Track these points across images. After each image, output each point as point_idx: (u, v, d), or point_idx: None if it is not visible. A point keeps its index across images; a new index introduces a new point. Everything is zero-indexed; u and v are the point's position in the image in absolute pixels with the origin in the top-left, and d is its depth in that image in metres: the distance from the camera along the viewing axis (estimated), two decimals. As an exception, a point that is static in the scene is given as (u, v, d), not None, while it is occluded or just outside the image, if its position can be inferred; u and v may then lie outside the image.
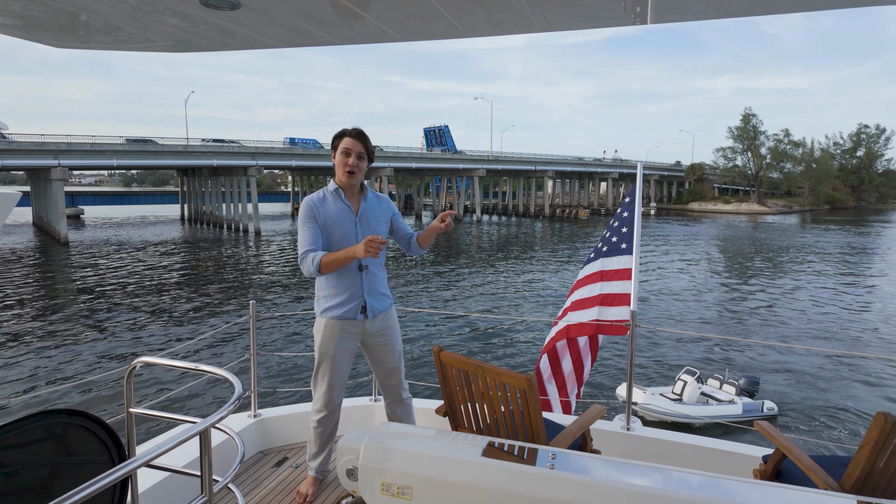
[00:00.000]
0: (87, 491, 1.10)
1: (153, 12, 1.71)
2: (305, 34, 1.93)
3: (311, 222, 2.69)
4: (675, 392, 11.44)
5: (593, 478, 1.56)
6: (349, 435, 1.87)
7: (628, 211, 4.15)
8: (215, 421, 1.46)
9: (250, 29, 1.88)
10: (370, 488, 1.74)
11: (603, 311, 3.94)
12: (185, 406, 11.05)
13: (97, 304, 20.13)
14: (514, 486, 1.59)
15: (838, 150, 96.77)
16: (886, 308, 20.81)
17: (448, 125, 78.91)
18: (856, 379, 13.27)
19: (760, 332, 17.46)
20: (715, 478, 1.56)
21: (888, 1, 1.60)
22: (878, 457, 1.94)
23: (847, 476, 2.00)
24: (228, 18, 1.77)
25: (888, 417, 1.88)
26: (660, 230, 52.31)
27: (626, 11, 1.66)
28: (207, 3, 1.63)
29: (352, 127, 2.76)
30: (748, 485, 1.54)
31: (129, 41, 2.04)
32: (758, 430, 2.57)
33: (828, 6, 1.64)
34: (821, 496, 1.51)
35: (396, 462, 1.71)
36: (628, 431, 3.34)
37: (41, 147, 36.87)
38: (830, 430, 10.74)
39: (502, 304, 20.76)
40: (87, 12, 1.69)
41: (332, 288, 2.74)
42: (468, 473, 1.64)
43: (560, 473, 1.59)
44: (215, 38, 2.01)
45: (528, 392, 2.12)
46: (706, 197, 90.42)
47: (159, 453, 1.29)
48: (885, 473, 1.96)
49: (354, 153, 2.70)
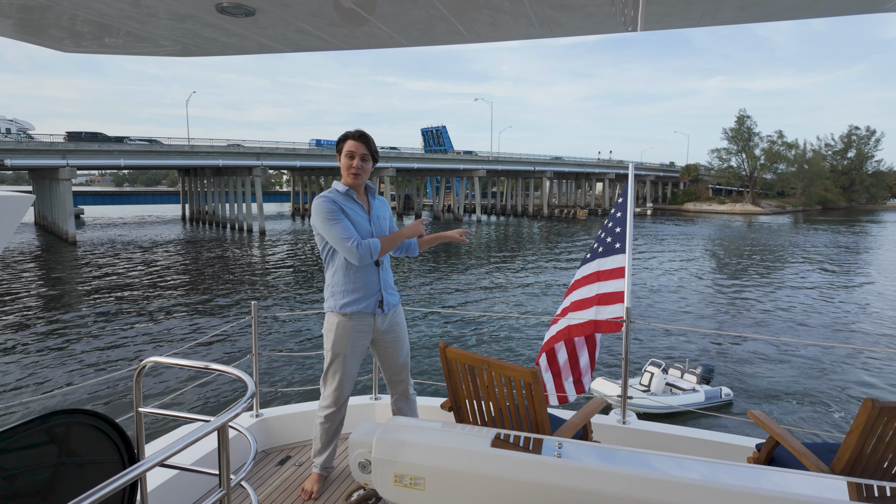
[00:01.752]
0: (106, 490, 1.10)
1: (167, 19, 1.71)
2: (316, 40, 1.94)
3: (342, 215, 2.66)
4: (643, 384, 11.58)
5: (599, 465, 1.59)
6: (360, 429, 1.89)
7: (621, 211, 4.19)
8: (231, 418, 1.47)
9: (263, 35, 1.89)
10: (383, 480, 1.75)
11: (600, 310, 3.97)
12: (184, 405, 11.01)
13: (113, 303, 20.14)
14: (523, 474, 1.62)
15: (829, 151, 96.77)
16: (873, 303, 20.85)
17: (445, 126, 78.92)
18: (837, 369, 13.42)
19: (750, 326, 17.50)
20: (715, 463, 1.60)
21: (875, 10, 1.62)
22: (866, 441, 1.99)
23: (837, 460, 2.05)
24: (242, 25, 1.77)
25: (875, 403, 1.93)
26: (656, 230, 52.32)
27: (615, 19, 1.67)
28: (223, 10, 1.64)
29: (354, 129, 2.74)
30: (746, 469, 1.58)
31: (140, 47, 2.02)
32: (750, 419, 2.62)
33: (816, 15, 1.65)
34: (813, 478, 1.55)
35: (409, 454, 1.73)
36: (624, 425, 3.38)
37: (50, 147, 36.84)
38: (815, 417, 10.90)
39: (503, 303, 20.78)
40: (99, 18, 1.68)
41: (350, 283, 2.73)
42: (479, 463, 1.67)
43: (567, 461, 1.62)
44: (227, 44, 2.00)
45: (534, 385, 2.15)
46: (701, 197, 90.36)
47: (176, 451, 1.28)
48: (872, 456, 2.02)
49: (358, 155, 2.70)
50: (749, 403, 11.48)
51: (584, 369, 4.17)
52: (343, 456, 3.25)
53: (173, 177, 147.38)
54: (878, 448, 2.00)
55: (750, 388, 12.32)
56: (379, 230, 2.81)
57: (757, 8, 1.60)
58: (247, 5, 1.57)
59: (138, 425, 1.84)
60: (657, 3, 1.54)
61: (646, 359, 12.98)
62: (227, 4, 1.57)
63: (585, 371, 4.17)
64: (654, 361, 11.96)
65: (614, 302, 3.91)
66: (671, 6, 1.56)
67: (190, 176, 58.62)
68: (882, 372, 13.38)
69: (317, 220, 2.66)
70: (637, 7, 1.56)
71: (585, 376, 4.16)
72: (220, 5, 1.58)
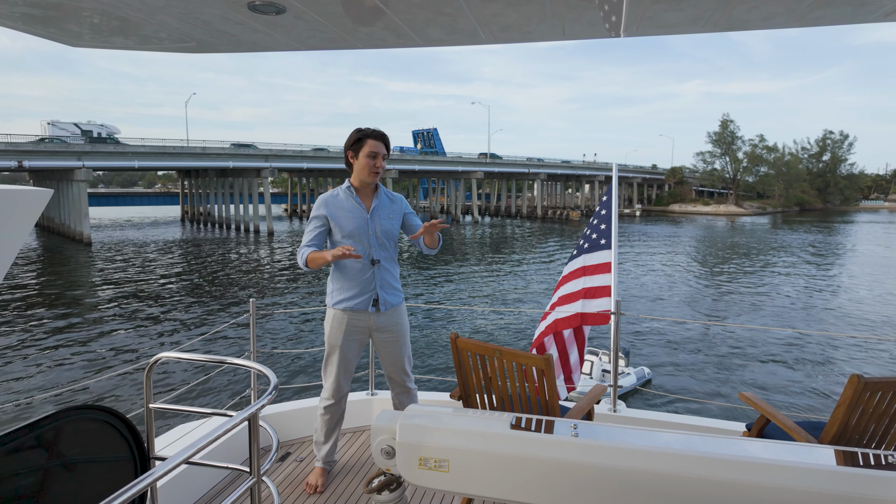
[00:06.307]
0: (141, 486, 1.07)
1: (199, 17, 1.67)
2: (336, 39, 1.91)
3: (317, 221, 2.68)
4: (584, 372, 11.69)
5: (615, 442, 1.62)
6: (381, 417, 1.88)
7: (606, 209, 4.21)
8: (258, 409, 1.45)
9: (288, 33, 1.85)
10: (408, 464, 1.75)
11: (586, 303, 3.97)
12: (186, 400, 10.90)
13: (133, 301, 19.98)
14: (544, 453, 1.63)
15: (805, 154, 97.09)
16: (845, 293, 20.98)
17: (437, 128, 79.16)
18: (814, 353, 13.60)
19: (732, 315, 17.61)
20: (719, 438, 1.65)
21: (846, 21, 1.60)
22: (851, 414, 2.05)
23: (825, 433, 2.11)
24: (270, 22, 1.74)
25: (861, 379, 1.99)
26: (645, 231, 52.44)
27: (600, 24, 1.66)
28: (255, 8, 1.61)
29: (372, 128, 2.68)
30: (746, 441, 1.64)
31: (160, 42, 1.96)
32: (741, 399, 2.65)
33: (794, 25, 1.64)
34: (804, 447, 1.61)
35: (432, 438, 1.73)
36: (615, 412, 3.39)
37: (66, 149, 36.60)
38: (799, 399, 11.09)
39: (503, 301, 20.79)
40: (125, 14, 1.64)
41: (345, 281, 2.70)
42: (501, 444, 1.67)
43: (585, 440, 1.64)
44: (253, 41, 1.95)
45: (546, 371, 2.14)
46: (686, 199, 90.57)
47: (205, 444, 1.25)
48: (857, 429, 2.09)
49: (381, 155, 2.65)
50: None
51: (574, 366, 4.14)
52: (344, 450, 3.22)
53: (151, 177, 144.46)
54: (862, 420, 2.07)
55: (738, 375, 12.39)
56: (378, 228, 2.70)
57: (742, 17, 1.58)
58: (278, 3, 1.54)
59: (149, 421, 1.81)
60: (640, 8, 1.52)
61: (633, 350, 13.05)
62: (259, 3, 1.54)
63: (575, 368, 4.15)
64: (591, 350, 12.00)
65: (601, 296, 3.92)
66: (659, 12, 1.55)
67: (192, 178, 58.03)
68: (856, 357, 13.49)
69: None
70: (624, 11, 1.55)
71: (575, 373, 4.14)
72: (252, 3, 1.55)
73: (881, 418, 2.08)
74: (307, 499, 2.69)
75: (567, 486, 1.61)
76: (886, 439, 2.13)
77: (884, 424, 2.10)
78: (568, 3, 1.51)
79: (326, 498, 2.71)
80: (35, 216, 1.51)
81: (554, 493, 1.63)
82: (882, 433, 2.12)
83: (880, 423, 2.09)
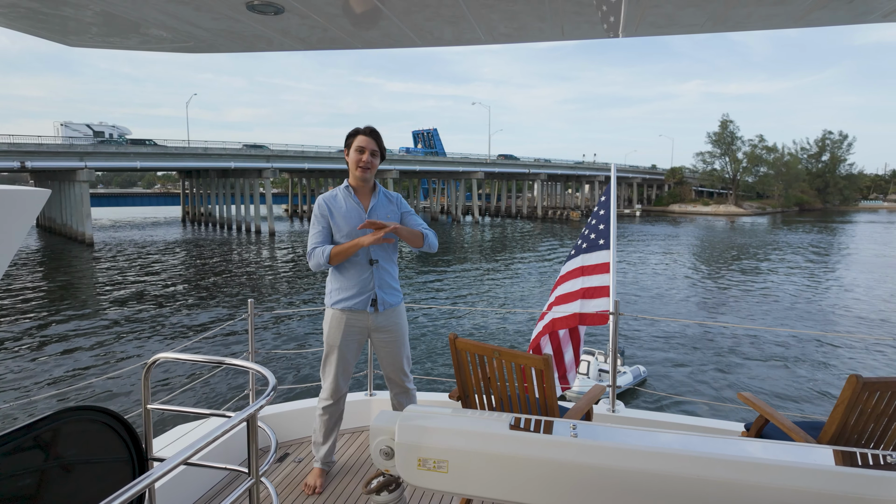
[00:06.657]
0: (137, 488, 1.06)
1: (197, 17, 1.66)
2: (335, 39, 1.90)
3: (321, 220, 2.68)
4: (581, 372, 11.68)
5: (614, 443, 1.61)
6: (379, 418, 1.86)
7: (604, 209, 4.19)
8: (256, 409, 1.44)
9: (286, 33, 1.84)
10: (407, 465, 1.74)
11: (585, 303, 3.96)
12: (185, 402, 10.86)
13: (140, 301, 19.95)
14: (543, 454, 1.63)
15: (805, 154, 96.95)
16: (844, 293, 20.94)
17: (436, 128, 79.09)
18: (812, 353, 13.60)
19: (732, 315, 17.57)
20: (718, 438, 1.64)
21: (845, 22, 1.59)
22: (850, 414, 2.05)
23: (824, 433, 2.11)
24: (268, 22, 1.73)
25: (859, 379, 1.99)
26: (645, 231, 52.40)
27: (599, 24, 1.65)
28: (253, 8, 1.60)
29: (364, 126, 2.71)
30: (745, 442, 1.64)
31: (159, 42, 1.95)
32: (740, 400, 2.64)
33: (793, 25, 1.63)
34: (803, 447, 1.60)
35: (431, 438, 1.71)
36: (614, 413, 3.38)
37: (69, 149, 36.56)
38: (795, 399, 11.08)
39: (503, 301, 20.77)
40: (124, 12, 1.63)
41: (343, 281, 2.69)
42: (500, 445, 1.66)
43: (584, 440, 1.63)
44: (251, 41, 1.94)
45: (545, 371, 2.13)
46: (686, 199, 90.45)
47: (204, 445, 1.25)
48: (855, 429, 2.09)
49: (368, 150, 2.66)
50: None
51: (569, 365, 4.11)
52: (343, 450, 3.20)
53: (150, 178, 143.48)
54: (861, 420, 2.07)
55: (737, 375, 12.37)
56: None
57: (742, 17, 1.57)
58: (277, 3, 1.53)
59: (146, 422, 1.80)
60: (639, 8, 1.51)
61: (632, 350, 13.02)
62: (258, 3, 1.53)
63: (570, 367, 4.12)
64: (587, 350, 11.98)
65: (600, 296, 3.91)
66: (664, 13, 1.54)
67: (192, 178, 57.86)
68: (851, 357, 13.46)
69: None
70: (622, 11, 1.54)
71: (570, 372, 4.11)
72: (251, 3, 1.54)
73: (880, 418, 2.08)
74: (306, 499, 2.68)
75: (566, 486, 1.61)
76: (885, 439, 2.13)
77: (882, 424, 2.10)
78: (567, 3, 1.50)
79: (325, 499, 2.69)
80: (33, 216, 1.50)
81: (553, 494, 1.62)
82: (880, 433, 2.12)
83: (879, 423, 2.09)
